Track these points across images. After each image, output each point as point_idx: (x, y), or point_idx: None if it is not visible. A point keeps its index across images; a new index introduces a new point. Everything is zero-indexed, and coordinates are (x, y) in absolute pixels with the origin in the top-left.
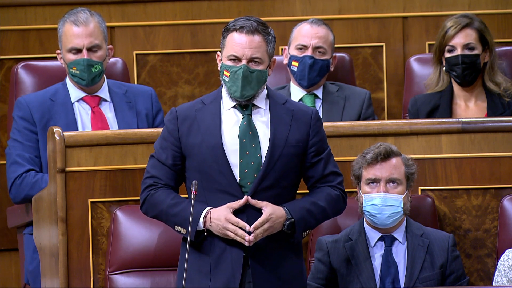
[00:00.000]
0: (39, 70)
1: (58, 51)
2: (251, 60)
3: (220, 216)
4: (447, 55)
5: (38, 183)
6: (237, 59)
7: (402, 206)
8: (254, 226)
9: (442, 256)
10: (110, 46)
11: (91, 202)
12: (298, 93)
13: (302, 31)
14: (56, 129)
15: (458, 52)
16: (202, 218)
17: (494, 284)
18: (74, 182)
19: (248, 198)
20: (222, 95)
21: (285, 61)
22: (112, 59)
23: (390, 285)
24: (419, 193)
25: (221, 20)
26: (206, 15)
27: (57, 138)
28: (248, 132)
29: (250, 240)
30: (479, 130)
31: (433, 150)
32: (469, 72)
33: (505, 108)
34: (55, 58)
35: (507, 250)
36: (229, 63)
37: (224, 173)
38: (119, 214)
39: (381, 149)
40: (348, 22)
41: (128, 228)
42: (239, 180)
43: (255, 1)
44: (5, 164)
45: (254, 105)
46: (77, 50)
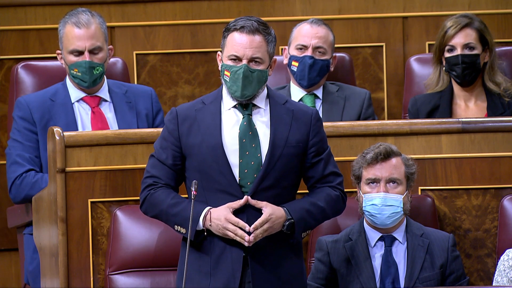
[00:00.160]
0: (39, 70)
1: (59, 51)
2: (252, 60)
3: (220, 216)
4: (447, 55)
5: (38, 183)
6: (237, 59)
7: (402, 206)
8: (254, 226)
9: (442, 256)
10: (110, 47)
11: (91, 202)
12: (298, 93)
13: (302, 31)
14: (56, 129)
15: (458, 52)
16: (202, 218)
17: (494, 284)
18: (74, 182)
19: (248, 198)
20: (222, 95)
21: (285, 61)
22: (112, 59)
23: (390, 285)
24: (419, 193)
25: (221, 20)
26: (206, 15)
27: (57, 138)
28: (248, 132)
29: (249, 240)
30: (479, 130)
31: (433, 150)
32: (469, 72)
33: (505, 108)
34: (55, 58)
35: (507, 250)
36: (229, 63)
37: (224, 173)
38: (119, 214)
39: (381, 149)
40: (348, 22)
41: (128, 228)
42: (239, 180)
43: (255, 1)
44: (5, 164)
45: (254, 105)
46: (78, 52)
